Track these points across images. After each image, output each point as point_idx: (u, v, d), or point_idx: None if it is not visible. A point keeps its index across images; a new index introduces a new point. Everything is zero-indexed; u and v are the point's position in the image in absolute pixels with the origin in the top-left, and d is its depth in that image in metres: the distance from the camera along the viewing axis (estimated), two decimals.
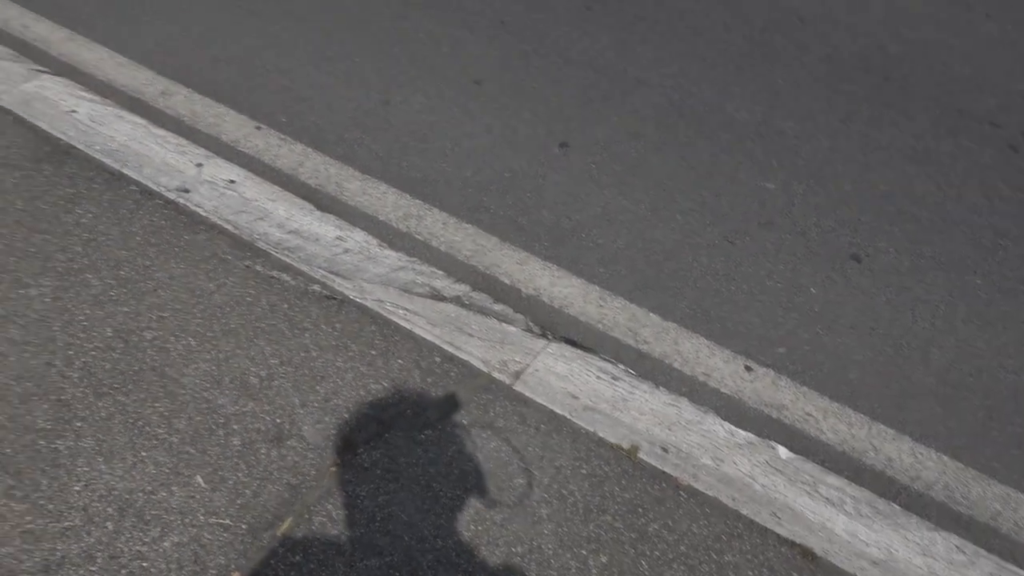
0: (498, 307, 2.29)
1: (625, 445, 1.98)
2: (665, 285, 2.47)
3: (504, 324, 2.24)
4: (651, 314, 2.38)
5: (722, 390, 2.20)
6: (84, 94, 2.79)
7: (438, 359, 2.12)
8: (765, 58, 3.49)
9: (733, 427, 2.08)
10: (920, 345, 2.38)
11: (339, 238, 2.41)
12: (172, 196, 2.44)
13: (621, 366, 2.19)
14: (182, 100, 2.90)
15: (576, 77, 3.27)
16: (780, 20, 3.73)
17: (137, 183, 2.47)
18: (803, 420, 2.15)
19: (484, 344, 2.17)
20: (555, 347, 2.20)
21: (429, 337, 2.16)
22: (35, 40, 3.07)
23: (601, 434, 1.99)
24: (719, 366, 2.26)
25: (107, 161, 2.52)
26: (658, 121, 3.09)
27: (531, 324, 2.27)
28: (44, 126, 2.61)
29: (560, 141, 2.95)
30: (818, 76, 3.41)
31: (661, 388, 2.15)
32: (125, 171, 2.49)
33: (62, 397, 1.91)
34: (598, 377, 2.13)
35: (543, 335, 2.24)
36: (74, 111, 2.69)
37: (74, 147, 2.56)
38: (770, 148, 3.02)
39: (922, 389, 2.26)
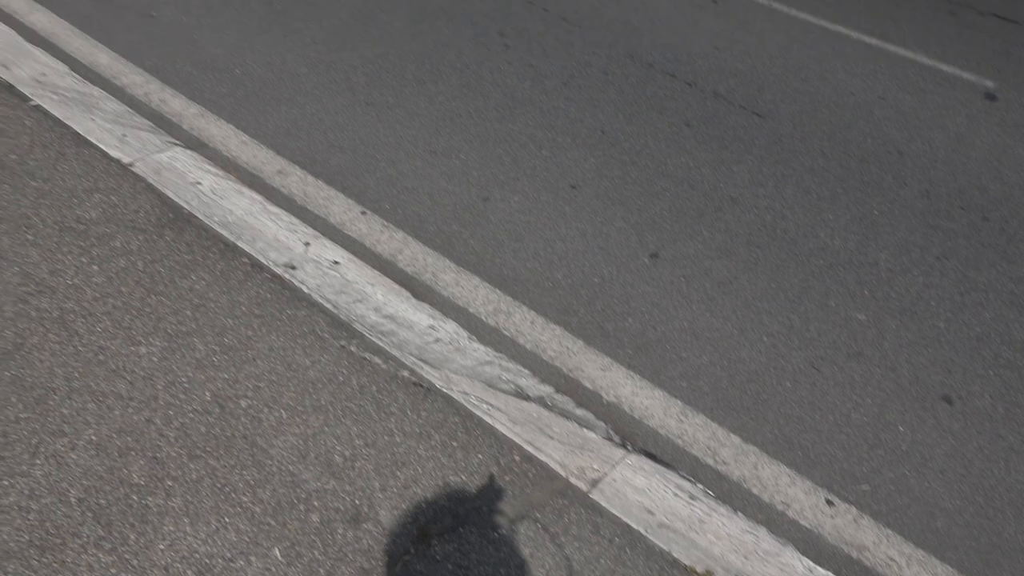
0: (580, 412, 2.31)
1: (699, 569, 1.94)
2: (748, 406, 2.45)
3: (585, 430, 2.25)
4: (732, 435, 2.36)
5: (801, 522, 2.15)
6: (209, 167, 2.99)
7: (517, 458, 2.14)
8: (862, 188, 3.50)
9: (812, 563, 2.02)
10: (1014, 499, 2.29)
11: (431, 327, 2.49)
12: (279, 271, 2.57)
13: (699, 485, 2.17)
14: (296, 180, 3.07)
15: (671, 190, 3.35)
16: (879, 152, 3.76)
17: (249, 256, 2.61)
18: (885, 565, 2.07)
19: (564, 448, 2.18)
20: (634, 459, 2.19)
21: (510, 435, 2.19)
22: (170, 114, 3.32)
23: (675, 554, 1.96)
24: (799, 497, 2.21)
25: (223, 232, 2.68)
26: (750, 240, 3.12)
27: (611, 432, 2.27)
28: (170, 194, 2.80)
29: (651, 252, 3.00)
30: (915, 210, 3.41)
31: (739, 513, 2.12)
32: (239, 243, 2.64)
33: (158, 455, 2.00)
34: (675, 494, 2.12)
35: (623, 445, 2.24)
36: (199, 183, 2.88)
37: (195, 216, 2.73)
38: (863, 278, 3.00)
39: (1015, 546, 2.16)
